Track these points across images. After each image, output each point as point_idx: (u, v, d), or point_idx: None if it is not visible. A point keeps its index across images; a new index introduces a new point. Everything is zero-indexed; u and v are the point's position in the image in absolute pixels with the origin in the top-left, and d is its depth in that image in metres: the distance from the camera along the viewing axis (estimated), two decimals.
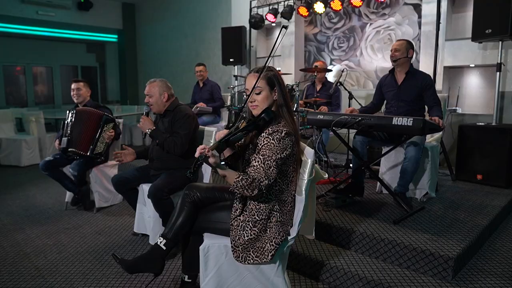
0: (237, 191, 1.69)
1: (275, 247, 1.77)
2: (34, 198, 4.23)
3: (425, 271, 2.22)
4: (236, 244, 1.78)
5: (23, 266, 2.60)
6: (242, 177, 1.66)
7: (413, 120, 2.51)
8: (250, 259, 1.77)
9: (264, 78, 1.83)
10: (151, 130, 2.83)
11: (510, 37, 3.49)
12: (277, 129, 1.74)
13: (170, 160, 2.82)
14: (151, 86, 2.88)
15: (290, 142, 1.74)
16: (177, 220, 1.89)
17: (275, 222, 1.80)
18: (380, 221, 2.67)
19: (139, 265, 1.87)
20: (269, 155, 1.69)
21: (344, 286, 2.26)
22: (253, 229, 1.77)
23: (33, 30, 8.56)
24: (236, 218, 1.80)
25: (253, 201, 1.79)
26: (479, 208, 2.95)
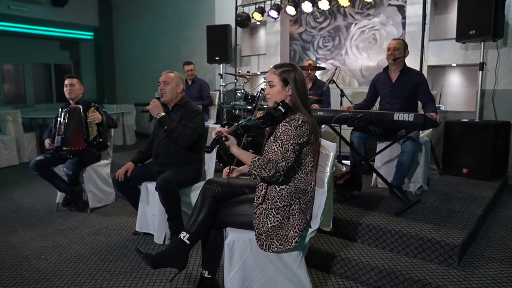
0: (255, 172, 1.75)
1: (298, 234, 1.81)
2: (20, 199, 4.06)
3: (431, 259, 2.33)
4: (259, 232, 1.81)
5: (24, 270, 2.50)
6: (258, 157, 1.75)
7: (414, 116, 2.63)
8: (274, 247, 1.80)
9: (279, 74, 1.91)
10: (162, 115, 2.79)
11: (492, 38, 3.71)
12: (294, 117, 1.82)
13: (176, 155, 2.80)
14: (168, 75, 2.90)
15: (306, 130, 1.81)
16: (199, 214, 1.90)
17: (297, 210, 1.84)
18: (382, 214, 2.77)
19: (163, 260, 1.86)
20: (286, 139, 1.77)
21: (356, 277, 2.33)
22: (276, 216, 1.81)
23: (3, 26, 8.15)
24: (258, 206, 1.84)
25: (275, 188, 1.83)
26: (470, 199, 3.12)
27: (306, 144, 1.82)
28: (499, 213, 3.23)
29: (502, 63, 4.03)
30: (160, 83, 2.89)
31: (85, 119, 3.44)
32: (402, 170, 3.04)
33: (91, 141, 3.43)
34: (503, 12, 3.68)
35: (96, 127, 3.46)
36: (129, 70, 9.16)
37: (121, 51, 9.34)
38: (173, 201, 2.61)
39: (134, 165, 2.94)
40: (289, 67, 1.92)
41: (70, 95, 3.54)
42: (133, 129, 7.95)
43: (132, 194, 2.99)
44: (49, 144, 3.48)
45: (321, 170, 1.91)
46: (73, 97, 3.55)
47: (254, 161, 1.74)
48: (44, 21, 8.46)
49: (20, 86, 9.35)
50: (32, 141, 6.16)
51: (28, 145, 6.04)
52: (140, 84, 8.87)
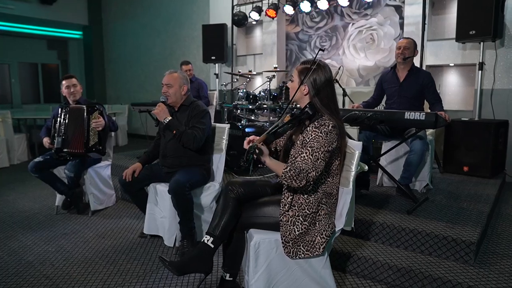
0: (285, 182, 1.70)
1: (326, 240, 1.79)
2: (15, 203, 3.93)
3: (447, 257, 2.34)
4: (286, 239, 1.77)
5: (30, 276, 2.41)
6: (290, 168, 1.69)
7: (425, 115, 2.64)
8: (301, 253, 1.77)
9: (298, 71, 1.90)
10: (169, 119, 2.72)
11: (491, 39, 3.77)
12: (324, 123, 1.76)
13: (186, 157, 2.75)
14: (171, 77, 2.80)
15: (336, 136, 1.76)
16: (222, 216, 1.85)
17: (324, 215, 1.82)
18: (393, 212, 2.78)
19: (189, 266, 1.81)
20: (317, 147, 1.71)
21: (373, 276, 2.33)
22: (303, 223, 1.78)
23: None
24: (285, 213, 1.80)
25: (302, 195, 1.79)
26: (475, 197, 3.16)
27: (335, 149, 1.79)
28: (503, 210, 3.28)
29: (500, 63, 4.11)
30: (163, 86, 2.81)
31: (88, 123, 3.32)
32: (410, 168, 3.05)
33: (90, 147, 3.32)
34: (502, 12, 3.75)
35: (97, 133, 3.36)
36: (120, 70, 9.00)
37: (112, 50, 9.17)
38: (186, 205, 2.55)
39: (142, 166, 2.87)
40: (312, 65, 1.86)
41: (75, 97, 3.41)
42: (125, 130, 7.82)
43: (139, 196, 2.92)
44: (49, 143, 3.37)
45: (346, 169, 1.90)
46: (77, 98, 3.44)
47: (286, 172, 1.68)
48: (31, 20, 8.24)
49: (6, 86, 9.08)
50: (22, 142, 5.98)
51: (18, 147, 5.86)
52: (132, 84, 8.73)
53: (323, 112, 1.82)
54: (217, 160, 2.94)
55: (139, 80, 8.54)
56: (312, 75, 1.86)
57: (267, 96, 4.00)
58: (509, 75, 4.11)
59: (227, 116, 4.62)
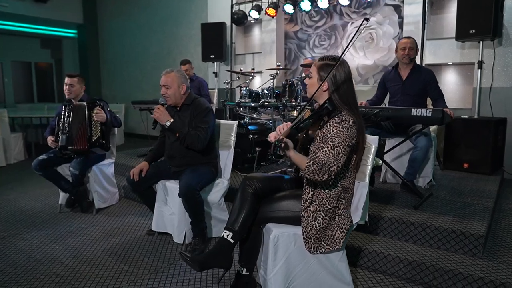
0: (308, 176, 1.72)
1: (345, 233, 1.82)
2: (16, 202, 3.88)
3: (455, 250, 2.38)
4: (308, 235, 1.79)
5: (41, 273, 2.38)
6: (313, 162, 1.70)
7: (432, 111, 2.69)
8: (321, 248, 1.80)
9: (317, 67, 1.90)
10: (171, 122, 2.68)
11: (491, 38, 3.84)
12: (345, 118, 1.77)
13: (193, 156, 2.72)
14: (168, 77, 2.72)
15: (356, 131, 1.79)
16: (241, 211, 1.86)
17: (343, 209, 1.84)
18: (400, 207, 2.82)
19: (210, 261, 1.81)
20: (338, 142, 1.73)
21: (384, 269, 2.36)
22: (324, 218, 1.80)
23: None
24: (306, 209, 1.81)
25: (323, 190, 1.81)
26: (478, 193, 3.22)
27: (356, 144, 1.81)
28: (504, 206, 3.34)
29: (498, 61, 4.19)
30: (161, 87, 2.74)
31: (89, 118, 3.32)
32: (415, 165, 3.10)
33: (93, 141, 3.31)
34: (502, 12, 3.83)
35: (100, 127, 3.34)
36: (116, 69, 8.94)
37: (107, 49, 9.10)
38: (198, 206, 2.55)
39: (149, 164, 2.86)
40: (331, 61, 1.86)
41: (69, 95, 3.40)
42: (121, 129, 7.76)
43: (147, 195, 2.91)
44: (52, 141, 3.34)
45: (362, 163, 1.92)
46: (72, 97, 3.42)
47: (309, 166, 1.70)
48: (25, 18, 8.14)
49: None
50: (19, 141, 5.90)
51: (15, 146, 5.78)
52: (128, 83, 8.67)
53: (342, 108, 1.83)
54: (225, 157, 2.94)
55: (135, 79, 8.49)
56: (332, 71, 1.87)
57: (270, 94, 4.02)
58: (507, 74, 4.19)
59: (229, 114, 4.63)
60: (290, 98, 3.93)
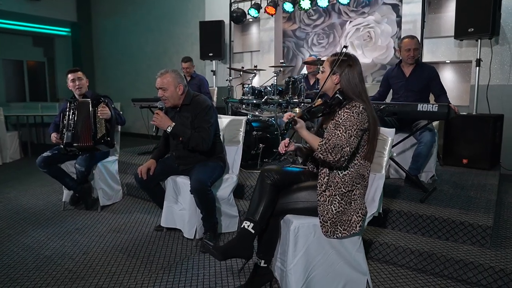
0: (321, 155, 1.79)
1: (362, 218, 1.86)
2: (17, 200, 3.83)
3: (464, 241, 2.44)
4: (324, 219, 1.83)
5: (52, 269, 2.37)
6: (325, 142, 1.79)
7: (438, 106, 2.76)
8: (338, 233, 1.83)
9: (330, 62, 1.99)
10: (172, 127, 2.59)
11: (489, 36, 3.93)
12: (355, 104, 1.86)
13: (200, 154, 2.72)
14: (164, 78, 2.64)
15: (366, 117, 1.85)
16: (260, 202, 1.88)
17: (359, 195, 1.89)
18: (406, 201, 2.87)
19: (232, 251, 1.83)
20: (350, 125, 1.81)
21: (395, 261, 2.40)
22: (340, 202, 1.84)
23: None
24: (322, 193, 1.86)
25: (338, 174, 1.86)
26: (480, 187, 3.30)
27: (366, 130, 1.87)
28: (504, 199, 3.43)
29: (495, 59, 4.29)
30: (158, 90, 2.68)
31: (94, 115, 3.30)
32: (419, 160, 3.16)
33: (98, 138, 3.29)
34: (499, 11, 3.92)
35: (104, 124, 3.32)
36: (110, 68, 8.86)
37: (102, 48, 9.01)
38: (209, 202, 2.56)
39: (156, 162, 2.85)
40: (343, 57, 1.94)
41: (80, 90, 3.38)
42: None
43: (156, 192, 2.90)
44: (56, 138, 3.30)
45: (379, 155, 1.96)
46: (83, 92, 3.39)
47: (321, 145, 1.79)
48: (17, 15, 8.01)
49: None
50: (14, 140, 5.82)
51: (10, 145, 5.70)
52: (122, 82, 8.60)
53: (353, 98, 1.89)
54: (234, 153, 2.96)
55: (130, 78, 8.43)
56: (343, 65, 1.93)
57: (274, 91, 4.04)
58: (503, 72, 4.29)
59: (231, 112, 4.64)
60: (294, 95, 3.96)
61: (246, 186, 3.35)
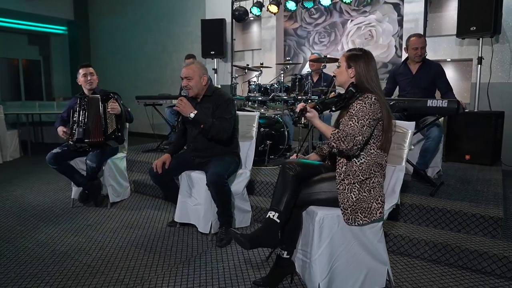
0: (334, 144, 1.85)
1: (381, 205, 1.91)
2: (24, 197, 3.80)
3: (475, 233, 2.51)
4: (345, 206, 1.87)
5: (70, 264, 2.37)
6: (338, 130, 1.85)
7: (447, 102, 2.82)
8: (359, 220, 1.87)
9: (346, 57, 2.04)
10: (195, 114, 2.68)
11: (491, 35, 4.02)
12: (367, 95, 1.92)
13: (217, 147, 2.76)
14: (189, 68, 2.73)
15: (379, 108, 1.90)
16: (284, 192, 1.91)
17: (377, 183, 1.93)
18: (417, 195, 2.93)
19: (259, 239, 1.86)
20: (362, 115, 1.86)
21: (409, 252, 2.46)
22: (360, 189, 1.88)
23: None
24: (341, 182, 1.90)
25: (356, 163, 1.91)
26: (485, 181, 3.38)
27: (380, 120, 1.92)
28: (508, 194, 3.52)
29: (495, 58, 4.38)
30: (182, 79, 2.76)
31: (104, 111, 3.30)
32: (427, 154, 3.22)
33: (109, 134, 3.29)
34: (501, 10, 4.01)
35: (115, 120, 3.33)
36: (108, 66, 8.79)
37: (99, 46, 8.95)
38: (226, 195, 2.58)
39: (171, 156, 2.86)
40: (358, 52, 2.02)
41: (92, 85, 3.37)
42: None
43: (171, 187, 2.92)
44: (64, 132, 3.29)
45: (399, 148, 2.01)
46: (93, 88, 3.39)
47: (334, 134, 1.85)
48: (12, 13, 7.91)
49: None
50: (14, 139, 5.76)
51: (10, 144, 5.64)
52: (121, 81, 8.55)
53: (366, 90, 1.95)
54: (247, 148, 2.98)
55: (128, 77, 8.39)
56: (359, 60, 1.98)
57: (280, 88, 4.08)
58: (503, 69, 4.39)
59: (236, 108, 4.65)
60: (300, 92, 4.00)
61: (256, 182, 3.38)
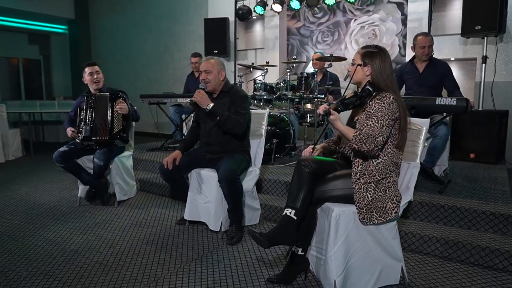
0: (355, 146, 1.84)
1: (397, 205, 1.91)
2: (29, 196, 3.79)
3: (485, 230, 2.52)
4: (360, 206, 1.88)
5: (82, 262, 2.36)
6: (359, 132, 1.84)
7: (456, 100, 2.84)
8: (374, 219, 1.88)
9: (361, 54, 2.02)
10: (212, 106, 2.69)
11: (496, 34, 4.04)
12: (385, 95, 1.91)
13: (230, 143, 2.77)
14: (209, 63, 2.79)
15: (397, 107, 1.90)
16: (300, 189, 1.91)
17: (393, 182, 1.94)
18: (425, 192, 2.94)
19: (277, 237, 1.86)
20: (381, 116, 1.86)
21: (420, 249, 2.47)
22: (375, 189, 1.89)
23: None
24: (356, 181, 1.90)
25: (372, 162, 1.91)
26: (491, 179, 3.39)
27: (397, 119, 1.92)
28: None
29: (500, 57, 4.41)
30: (201, 73, 2.79)
31: (112, 109, 3.29)
32: (434, 153, 3.24)
33: (115, 133, 3.29)
34: (506, 9, 4.03)
35: (121, 120, 3.32)
36: (108, 65, 8.74)
37: (100, 45, 8.93)
38: (238, 192, 2.59)
39: (181, 153, 2.87)
40: (374, 49, 2.01)
41: (98, 84, 3.36)
42: None
43: (180, 184, 2.92)
44: (73, 132, 3.28)
45: (413, 145, 2.02)
46: (100, 86, 3.38)
47: (356, 136, 1.83)
48: (12, 11, 7.88)
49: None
50: (17, 138, 5.73)
51: (13, 142, 5.61)
52: (121, 80, 8.52)
53: (383, 89, 1.94)
54: (256, 146, 2.98)
55: (129, 76, 8.37)
56: (374, 58, 1.98)
57: (286, 87, 4.08)
58: (508, 69, 4.41)
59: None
60: (306, 90, 4.01)
61: (263, 180, 3.38)
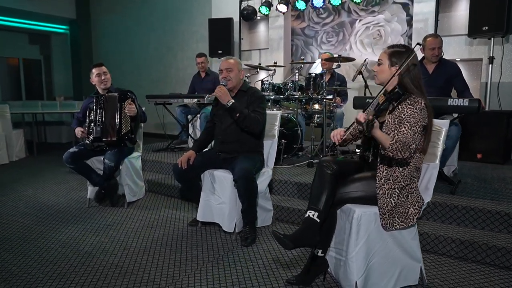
0: (391, 154, 1.81)
1: (418, 211, 1.91)
2: (37, 197, 3.77)
3: (500, 230, 2.53)
4: (383, 211, 1.87)
5: (97, 264, 2.35)
6: (396, 140, 1.81)
7: (469, 101, 2.84)
8: (396, 225, 1.88)
9: (388, 54, 2.00)
10: (232, 102, 2.68)
11: (503, 34, 4.06)
12: (417, 100, 1.89)
13: (246, 142, 2.77)
14: (229, 62, 2.81)
15: (426, 113, 1.89)
16: (323, 191, 1.91)
17: (415, 188, 1.94)
18: (436, 193, 2.90)
19: (301, 239, 1.86)
20: (414, 122, 1.84)
21: (435, 250, 2.47)
22: (399, 195, 1.88)
23: None
24: (381, 187, 1.89)
25: (398, 168, 1.90)
26: (501, 179, 3.40)
27: (426, 126, 1.91)
28: None
29: (506, 57, 4.43)
30: (222, 71, 2.81)
31: (120, 110, 3.28)
32: (445, 153, 3.23)
33: (122, 134, 3.28)
34: None
35: (129, 120, 3.31)
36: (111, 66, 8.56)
37: (101, 46, 8.89)
38: (253, 192, 2.58)
39: (195, 154, 2.86)
40: (401, 48, 1.99)
41: (106, 85, 3.35)
42: None
43: (194, 185, 2.91)
44: (82, 132, 3.26)
45: (433, 146, 2.02)
46: (108, 87, 3.37)
47: (392, 144, 1.79)
48: (12, 11, 7.83)
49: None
50: (20, 138, 5.70)
51: (16, 143, 5.58)
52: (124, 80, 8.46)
53: (413, 91, 1.94)
54: (269, 146, 2.98)
55: (131, 76, 8.34)
56: (403, 58, 1.96)
57: (295, 87, 4.08)
58: None
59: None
60: (315, 91, 4.00)
61: (273, 181, 3.37)
